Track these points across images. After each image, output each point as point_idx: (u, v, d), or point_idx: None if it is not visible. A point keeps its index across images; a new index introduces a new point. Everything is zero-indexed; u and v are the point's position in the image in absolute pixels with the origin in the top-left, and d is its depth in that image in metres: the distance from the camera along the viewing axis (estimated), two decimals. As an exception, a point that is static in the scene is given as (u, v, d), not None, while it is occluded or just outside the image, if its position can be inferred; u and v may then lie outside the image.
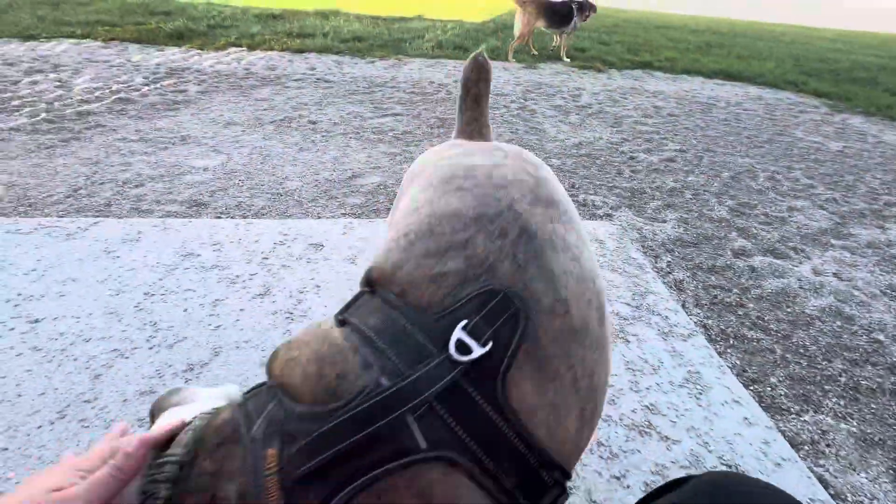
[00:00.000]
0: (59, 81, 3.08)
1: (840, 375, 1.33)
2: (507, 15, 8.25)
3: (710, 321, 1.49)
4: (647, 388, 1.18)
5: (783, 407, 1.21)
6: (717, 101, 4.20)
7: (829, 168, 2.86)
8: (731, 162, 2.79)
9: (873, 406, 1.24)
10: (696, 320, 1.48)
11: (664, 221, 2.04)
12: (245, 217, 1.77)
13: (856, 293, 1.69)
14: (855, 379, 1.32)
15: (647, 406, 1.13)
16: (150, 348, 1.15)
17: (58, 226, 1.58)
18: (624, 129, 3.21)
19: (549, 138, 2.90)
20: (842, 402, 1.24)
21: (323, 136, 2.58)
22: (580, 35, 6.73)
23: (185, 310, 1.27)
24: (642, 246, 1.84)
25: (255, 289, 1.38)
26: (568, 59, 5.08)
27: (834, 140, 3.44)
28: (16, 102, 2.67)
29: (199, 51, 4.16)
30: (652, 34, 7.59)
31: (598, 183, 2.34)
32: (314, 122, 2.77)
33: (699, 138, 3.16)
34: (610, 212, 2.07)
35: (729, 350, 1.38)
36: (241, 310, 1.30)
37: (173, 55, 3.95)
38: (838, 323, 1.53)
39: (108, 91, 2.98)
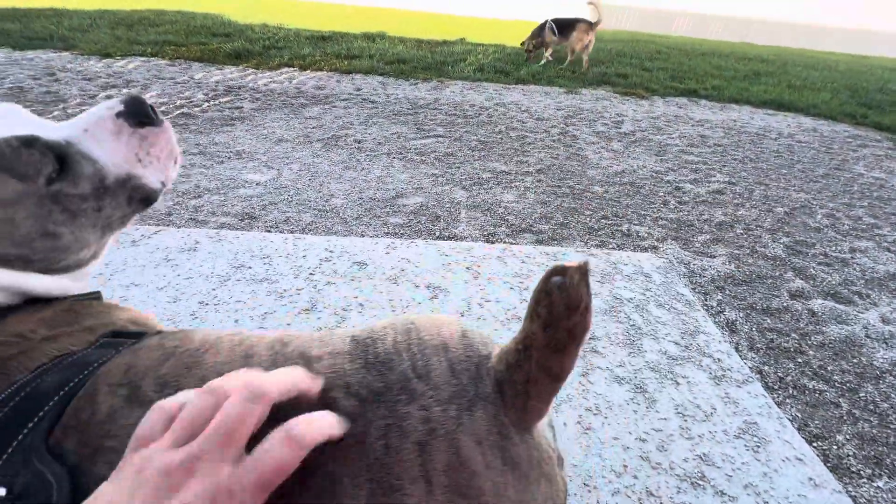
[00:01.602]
0: (130, 96, 3.33)
1: (917, 439, 1.21)
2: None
3: (766, 367, 1.40)
4: (700, 437, 1.12)
5: (853, 469, 1.12)
6: (769, 131, 4.05)
7: None
8: (786, 196, 2.66)
9: (959, 477, 1.12)
10: (751, 365, 1.40)
11: (713, 257, 1.96)
12: (293, 232, 1.84)
13: (932, 347, 1.56)
14: (935, 444, 1.20)
15: (699, 456, 1.07)
16: (203, 357, 1.19)
17: (124, 233, 1.68)
18: (668, 157, 3.14)
19: (592, 165, 2.87)
20: (921, 470, 1.13)
21: (367, 156, 2.66)
22: (622, 61, 6.71)
23: (236, 321, 1.32)
24: (690, 282, 1.77)
25: (302, 303, 1.41)
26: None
27: (899, 177, 3.24)
28: (92, 114, 2.90)
29: (254, 70, 4.42)
30: (696, 61, 7.46)
31: (642, 213, 2.29)
32: (359, 142, 2.86)
33: (750, 170, 3.04)
34: (655, 244, 2.01)
35: (788, 400, 1.29)
36: (288, 324, 1.33)
37: (231, 74, 4.21)
38: (913, 379, 1.41)
39: (172, 106, 3.20)
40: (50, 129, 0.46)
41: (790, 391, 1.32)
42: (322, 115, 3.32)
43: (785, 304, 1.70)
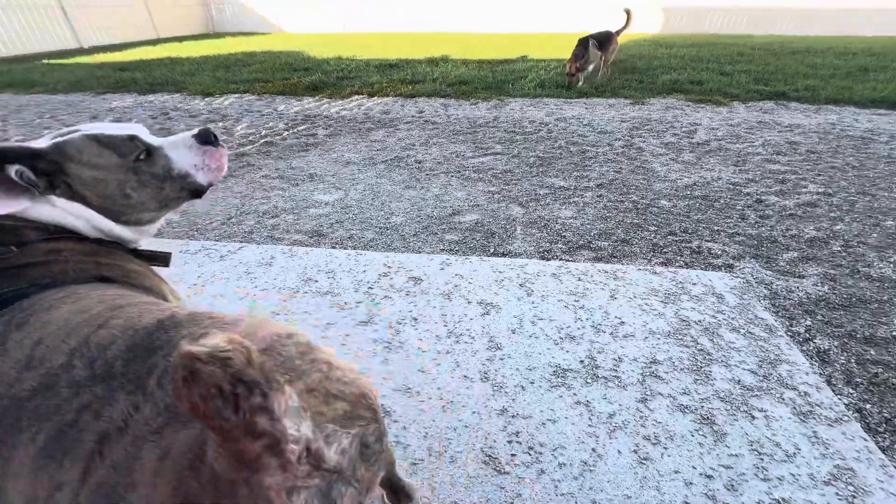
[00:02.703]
0: (225, 129, 3.80)
1: None
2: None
3: (868, 406, 1.22)
4: (780, 479, 1.00)
5: None
6: (877, 134, 3.55)
7: None
8: (898, 208, 2.31)
9: None
10: (847, 402, 1.22)
11: (802, 277, 1.75)
12: (356, 248, 1.96)
13: None
14: None
15: (777, 501, 0.96)
16: (272, 362, 1.31)
17: (214, 248, 1.92)
18: (749, 168, 2.87)
19: (659, 178, 2.72)
20: None
21: (427, 175, 2.76)
22: (696, 66, 6.30)
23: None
24: (773, 305, 1.60)
25: (360, 316, 1.50)
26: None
27: None
28: (194, 146, 3.35)
29: (328, 99, 4.82)
30: (785, 61, 6.77)
31: (715, 228, 2.12)
32: (420, 162, 2.99)
33: (851, 179, 2.69)
34: (731, 262, 1.85)
35: (897, 446, 1.11)
36: (347, 335, 1.42)
37: (308, 104, 4.63)
38: None
39: (258, 136, 3.59)
40: (151, 138, 0.77)
41: (900, 435, 1.13)
42: (386, 137, 3.52)
43: (894, 334, 1.46)
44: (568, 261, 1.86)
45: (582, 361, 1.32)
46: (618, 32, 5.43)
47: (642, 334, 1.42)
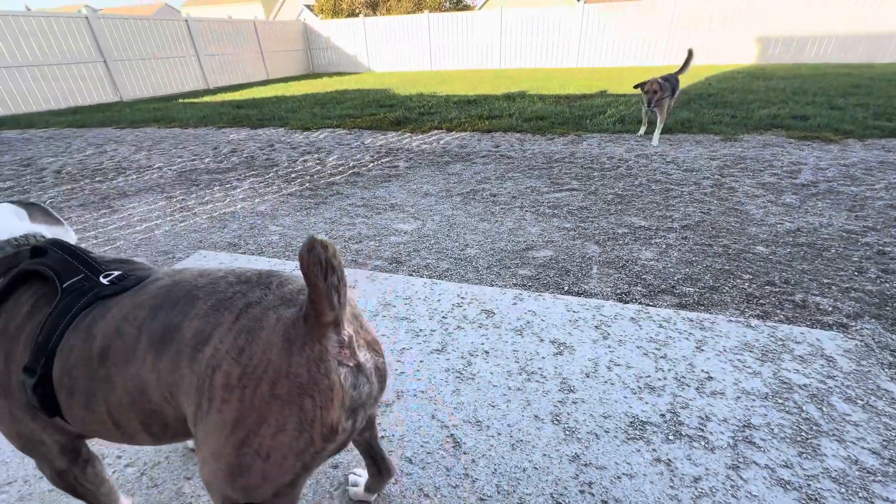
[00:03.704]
0: (319, 160, 4.22)
1: None
2: (702, 83, 7.71)
3: None
4: (912, 587, 0.85)
5: None
6: None
7: None
8: None
9: None
10: None
11: (941, 346, 1.50)
12: (431, 277, 2.05)
13: None
14: None
15: None
16: (353, 380, 1.41)
17: (306, 269, 2.12)
18: (868, 213, 2.55)
19: (754, 221, 2.51)
20: None
21: (501, 209, 2.82)
22: (799, 99, 5.77)
23: (380, 352, 1.52)
24: (901, 375, 1.38)
25: (434, 344, 1.56)
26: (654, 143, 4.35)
27: None
28: (293, 175, 3.76)
29: (410, 134, 5.15)
30: (916, 92, 5.96)
31: (825, 281, 1.89)
32: (494, 195, 3.06)
33: None
34: (845, 320, 1.64)
35: None
36: (421, 361, 1.48)
37: (392, 138, 4.99)
38: None
39: (347, 167, 3.94)
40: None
41: None
42: (462, 171, 3.66)
43: None
44: (648, 305, 1.78)
45: (663, 415, 1.24)
46: (679, 73, 4.68)
47: (734, 393, 1.31)
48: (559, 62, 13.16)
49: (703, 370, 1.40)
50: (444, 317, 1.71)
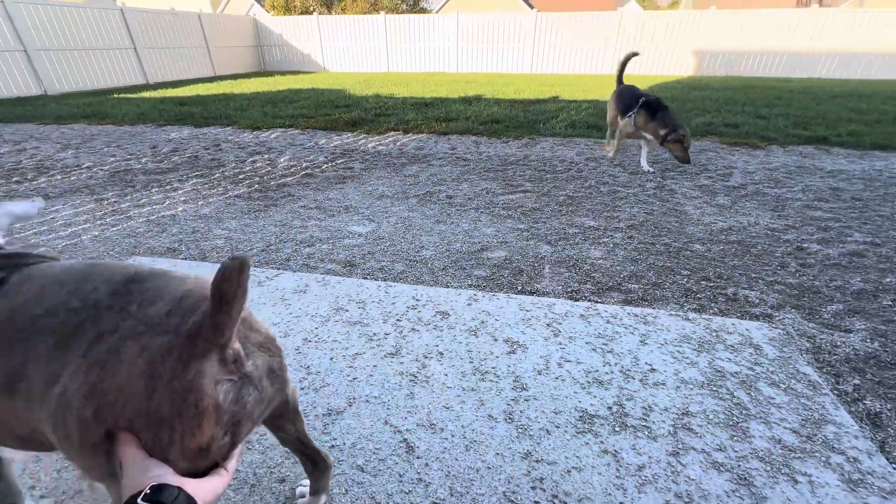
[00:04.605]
0: (269, 160, 4.05)
1: None
2: (649, 92, 8.17)
3: (928, 478, 1.12)
4: (826, 553, 0.93)
5: None
6: (929, 182, 3.39)
7: None
8: (956, 262, 2.17)
9: None
10: (903, 472, 1.13)
11: (849, 331, 1.66)
12: (386, 280, 2.02)
13: None
14: None
15: (825, 578, 0.89)
16: (302, 389, 1.35)
17: (252, 274, 2.02)
18: (789, 213, 2.80)
19: (692, 221, 2.68)
20: None
21: (457, 210, 2.84)
22: (732, 109, 6.26)
23: (332, 359, 1.48)
24: (816, 359, 1.52)
25: (388, 348, 1.53)
26: (648, 168, 3.69)
27: None
28: (241, 176, 3.58)
29: (366, 135, 5.07)
30: (828, 105, 6.63)
31: (753, 275, 2.05)
32: (450, 197, 3.08)
33: (901, 229, 2.56)
34: (770, 311, 1.78)
35: (964, 527, 1.01)
36: (375, 366, 1.45)
37: (347, 139, 4.89)
38: None
39: (299, 168, 3.81)
40: None
41: (967, 515, 1.03)
42: (419, 172, 3.65)
43: (957, 399, 1.35)
44: (597, 302, 1.84)
45: (610, 408, 1.29)
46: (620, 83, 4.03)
47: (674, 383, 1.38)
48: (514, 67, 13.49)
49: (646, 363, 1.47)
50: (398, 320, 1.69)
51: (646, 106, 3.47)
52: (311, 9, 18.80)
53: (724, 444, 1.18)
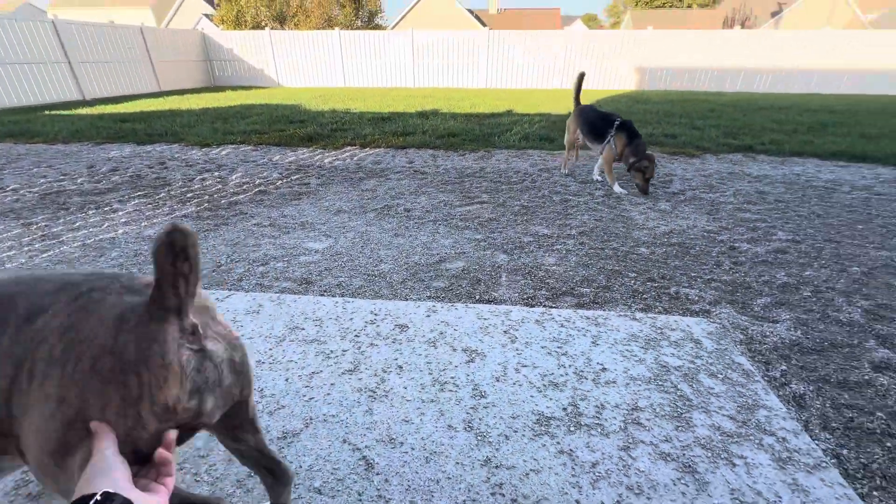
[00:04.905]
0: (220, 178, 3.91)
1: None
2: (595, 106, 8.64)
3: (845, 451, 1.24)
4: (761, 529, 1.00)
5: (968, 587, 0.92)
6: (839, 184, 3.78)
7: None
8: (862, 255, 2.43)
9: None
10: (825, 448, 1.24)
11: (776, 322, 1.82)
12: (343, 296, 1.99)
13: None
14: None
15: (761, 552, 0.95)
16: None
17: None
18: (722, 216, 3.03)
19: (637, 226, 2.84)
20: None
21: (416, 223, 2.85)
22: (670, 121, 6.73)
23: (287, 380, 1.43)
24: (749, 349, 1.65)
25: (346, 364, 1.51)
26: (621, 190, 3.56)
27: None
28: (189, 195, 3.43)
29: (322, 150, 5.01)
30: (753, 117, 7.28)
31: (692, 274, 2.20)
32: (409, 210, 3.09)
33: (817, 227, 2.84)
34: (707, 307, 1.91)
35: (876, 493, 1.12)
36: (332, 384, 1.42)
37: (303, 154, 4.81)
38: None
39: (252, 185, 3.70)
40: None
41: (878, 482, 1.15)
42: (377, 187, 3.65)
43: (867, 378, 1.51)
44: (551, 307, 1.91)
45: (565, 409, 1.33)
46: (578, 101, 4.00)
47: (624, 381, 1.45)
48: (469, 83, 13.84)
49: (598, 363, 1.53)
50: (356, 335, 1.67)
51: (622, 129, 3.45)
52: (263, 23, 18.49)
53: (670, 435, 1.25)
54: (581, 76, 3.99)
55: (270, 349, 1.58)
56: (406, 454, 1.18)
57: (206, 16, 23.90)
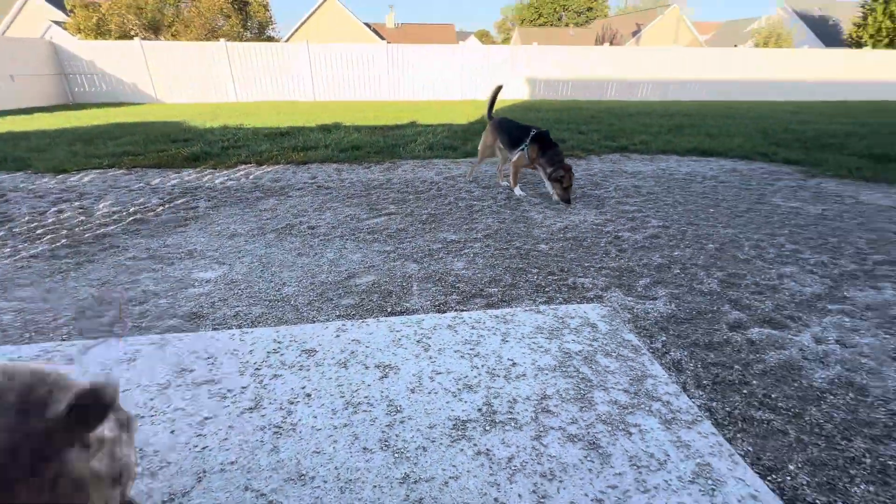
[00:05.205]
0: (82, 208, 3.36)
1: (864, 456, 1.24)
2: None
3: (714, 403, 1.43)
4: (656, 488, 1.11)
5: (808, 500, 1.12)
6: (694, 176, 4.46)
7: (813, 232, 2.94)
8: (714, 233, 2.88)
9: (907, 491, 1.13)
10: (699, 403, 1.42)
11: (655, 299, 2.06)
12: (241, 326, 1.82)
13: (863, 360, 1.64)
14: (881, 460, 1.23)
15: (656, 509, 1.05)
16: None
17: (59, 350, 1.62)
18: (607, 209, 3.37)
19: (537, 224, 3.04)
20: (871, 489, 1.14)
21: (321, 241, 2.73)
22: (559, 127, 7.38)
23: (172, 431, 1.25)
24: (635, 326, 1.84)
25: (245, 402, 1.37)
26: (521, 193, 3.73)
27: (812, 204, 3.57)
28: (40, 231, 2.89)
29: (212, 170, 4.58)
30: (625, 122, 8.30)
31: (586, 265, 2.41)
32: (313, 227, 2.95)
33: (680, 213, 3.30)
34: (600, 293, 2.10)
35: (739, 435, 1.31)
36: (230, 427, 1.27)
37: (189, 176, 4.34)
38: (851, 395, 1.47)
39: (125, 213, 3.24)
40: None
41: (740, 425, 1.34)
42: (277, 206, 3.43)
43: (725, 337, 1.77)
44: (462, 311, 1.94)
45: (480, 409, 1.35)
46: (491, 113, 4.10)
47: (533, 372, 1.52)
48: (370, 95, 13.79)
49: (508, 359, 1.59)
50: (257, 368, 1.53)
51: (537, 139, 3.52)
52: (133, 33, 16.47)
53: (576, 416, 1.33)
54: (498, 89, 4.06)
55: (151, 400, 1.37)
56: (318, 488, 1.09)
57: (57, 23, 20.66)
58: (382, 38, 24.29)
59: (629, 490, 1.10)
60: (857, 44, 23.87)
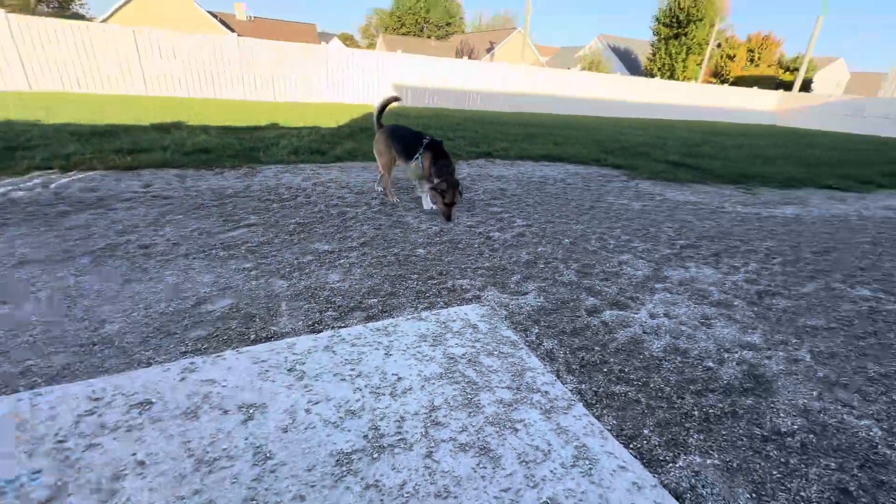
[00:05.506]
0: None
1: (693, 410, 1.48)
2: (362, 119, 8.95)
3: (583, 385, 1.56)
4: (543, 480, 1.14)
5: (660, 458, 1.28)
6: (547, 179, 5.00)
7: (638, 224, 3.53)
8: (568, 229, 3.24)
9: (724, 433, 1.39)
10: (571, 388, 1.54)
11: (526, 294, 2.20)
12: (31, 388, 1.35)
13: (683, 328, 1.99)
14: (704, 410, 1.48)
15: (546, 502, 1.08)
16: None
17: None
18: (478, 211, 3.54)
19: (413, 229, 3.01)
20: (701, 437, 1.36)
21: (158, 262, 2.24)
22: (430, 132, 7.59)
23: None
24: (512, 322, 1.92)
25: (38, 496, 1.00)
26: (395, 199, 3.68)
27: (635, 201, 4.31)
28: None
29: (-13, 178, 3.44)
30: (487, 129, 8.96)
31: (463, 266, 2.46)
32: (146, 247, 2.41)
33: (540, 213, 3.64)
34: (478, 293, 2.16)
35: (605, 411, 1.45)
36: (10, 536, 0.91)
37: (-55, 186, 3.19)
38: (678, 359, 1.76)
39: None
40: None
41: (604, 401, 1.49)
42: (92, 222, 2.72)
43: (585, 322, 1.97)
44: (341, 327, 1.78)
45: (366, 436, 1.23)
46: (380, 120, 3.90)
47: (419, 384, 1.45)
48: (221, 93, 12.26)
49: (393, 374, 1.49)
50: (59, 442, 1.14)
51: (430, 148, 3.42)
52: None
53: (465, 423, 1.31)
54: (389, 100, 3.83)
55: None
56: (158, 589, 0.84)
57: None
58: (233, 30, 21.90)
59: (521, 489, 1.11)
60: (651, 74, 30.33)
